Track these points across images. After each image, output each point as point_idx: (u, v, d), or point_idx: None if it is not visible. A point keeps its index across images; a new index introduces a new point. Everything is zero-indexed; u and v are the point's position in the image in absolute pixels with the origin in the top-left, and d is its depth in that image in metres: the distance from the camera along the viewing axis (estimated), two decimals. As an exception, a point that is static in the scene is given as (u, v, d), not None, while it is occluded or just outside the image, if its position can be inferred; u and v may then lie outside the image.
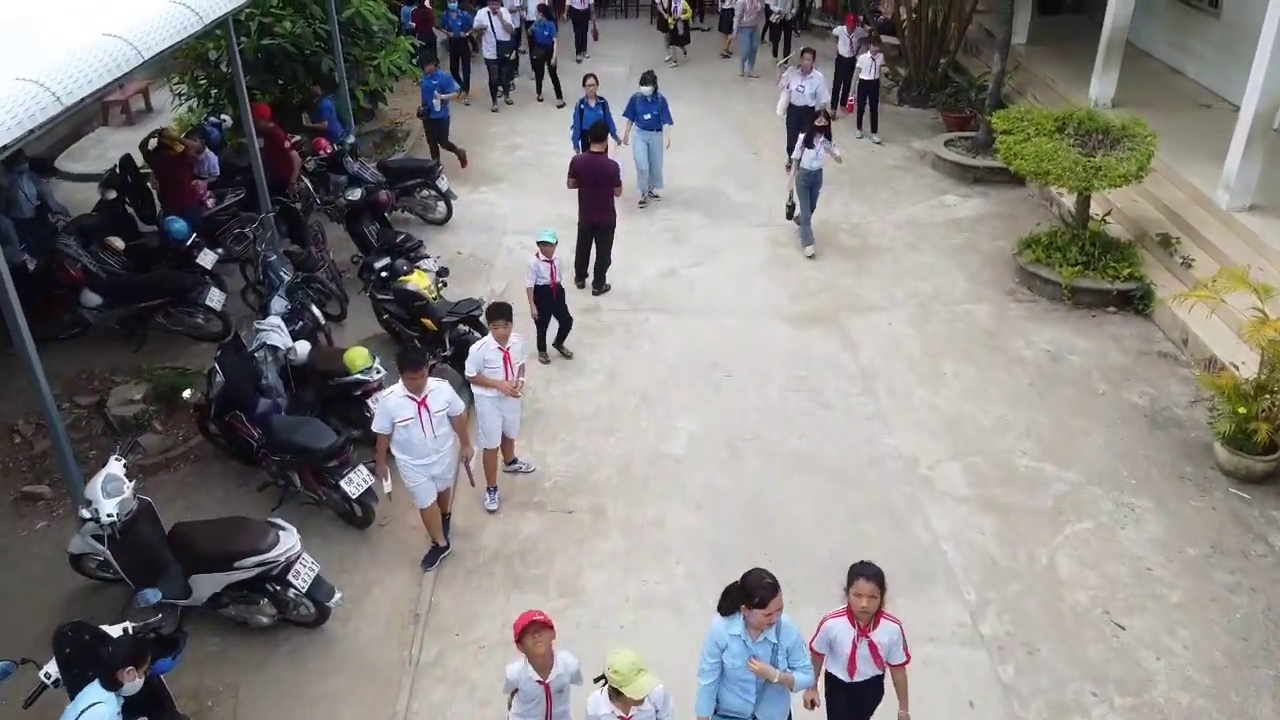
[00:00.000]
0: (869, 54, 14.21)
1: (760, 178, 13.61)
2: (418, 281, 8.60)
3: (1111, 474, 7.81)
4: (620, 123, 12.16)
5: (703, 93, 16.99)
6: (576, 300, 10.41)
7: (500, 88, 16.47)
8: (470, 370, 7.12)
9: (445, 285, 9.61)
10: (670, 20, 17.92)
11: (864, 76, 14.28)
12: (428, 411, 6.40)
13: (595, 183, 10.02)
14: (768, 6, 19.01)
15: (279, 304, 8.22)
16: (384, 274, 8.77)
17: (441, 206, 12.16)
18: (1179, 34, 14.69)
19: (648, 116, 12.15)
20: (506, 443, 7.59)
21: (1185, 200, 11.01)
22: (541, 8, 16.49)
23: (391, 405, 6.35)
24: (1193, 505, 7.49)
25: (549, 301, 8.96)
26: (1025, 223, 12.01)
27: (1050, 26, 17.03)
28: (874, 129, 14.68)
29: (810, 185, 11.17)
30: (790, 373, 9.11)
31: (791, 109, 12.98)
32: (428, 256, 9.48)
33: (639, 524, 7.29)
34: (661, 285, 10.81)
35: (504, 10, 15.92)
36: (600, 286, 10.58)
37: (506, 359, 7.12)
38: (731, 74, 18.02)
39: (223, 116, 12.57)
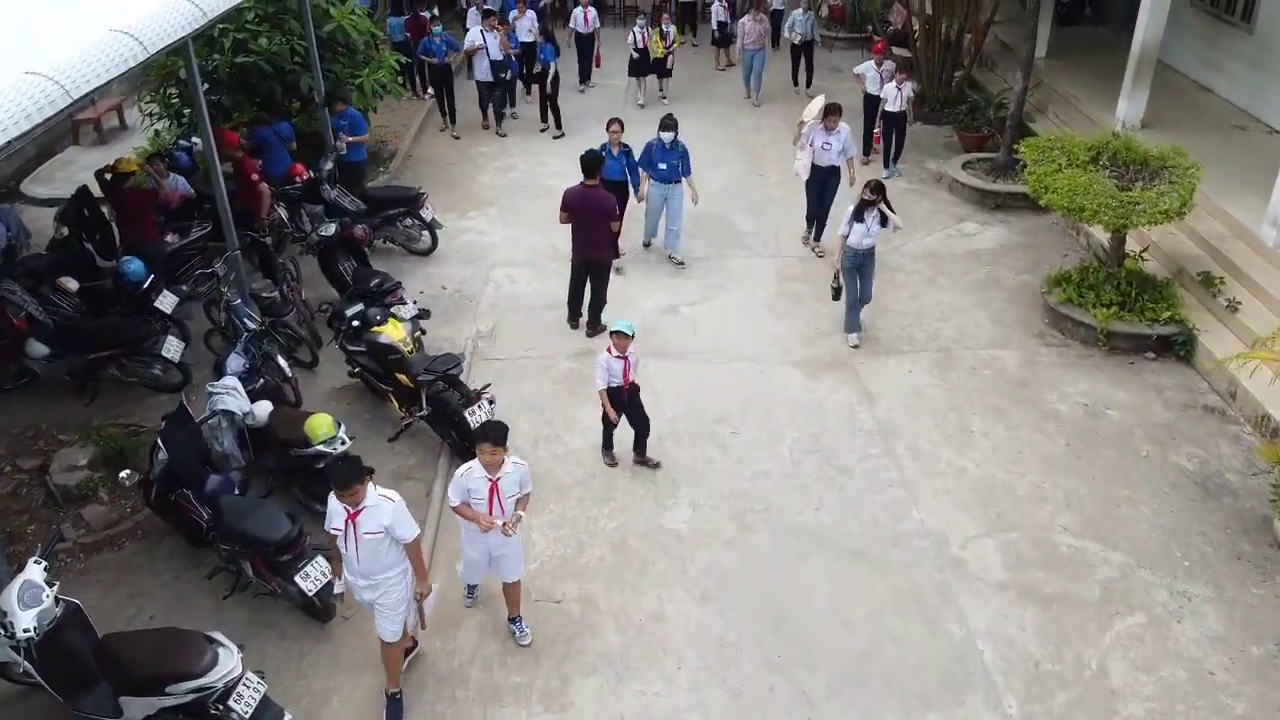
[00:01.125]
0: (894, 83, 12.91)
1: (766, 202, 12.82)
2: (391, 333, 7.80)
3: (1163, 554, 7.00)
4: (639, 175, 10.75)
5: (702, 109, 16.19)
6: (568, 344, 9.64)
7: (494, 110, 15.29)
8: (452, 499, 5.93)
9: (424, 333, 8.83)
10: (658, 49, 15.96)
11: (890, 108, 12.95)
12: (353, 529, 5.31)
13: (588, 217, 9.23)
14: (776, 25, 18.24)
15: (236, 362, 7.42)
16: (355, 323, 7.96)
17: (426, 236, 11.36)
18: (1208, 49, 13.89)
19: (664, 166, 10.52)
20: (508, 590, 6.27)
21: (1227, 234, 10.21)
22: (543, 30, 15.44)
23: (331, 508, 5.44)
24: (1254, 593, 6.69)
25: (621, 403, 7.60)
26: (1050, 254, 11.23)
27: (1069, 39, 16.24)
28: (895, 160, 13.43)
29: (859, 266, 9.29)
30: (803, 430, 8.31)
31: (815, 170, 10.98)
32: (405, 302, 8.67)
33: (635, 617, 6.48)
34: (661, 325, 10.00)
35: (497, 30, 14.74)
36: (595, 328, 9.77)
37: (494, 490, 5.81)
38: (731, 89, 17.20)
39: (194, 139, 11.74)
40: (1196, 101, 13.64)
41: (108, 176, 9.74)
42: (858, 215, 9.08)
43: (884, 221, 9.11)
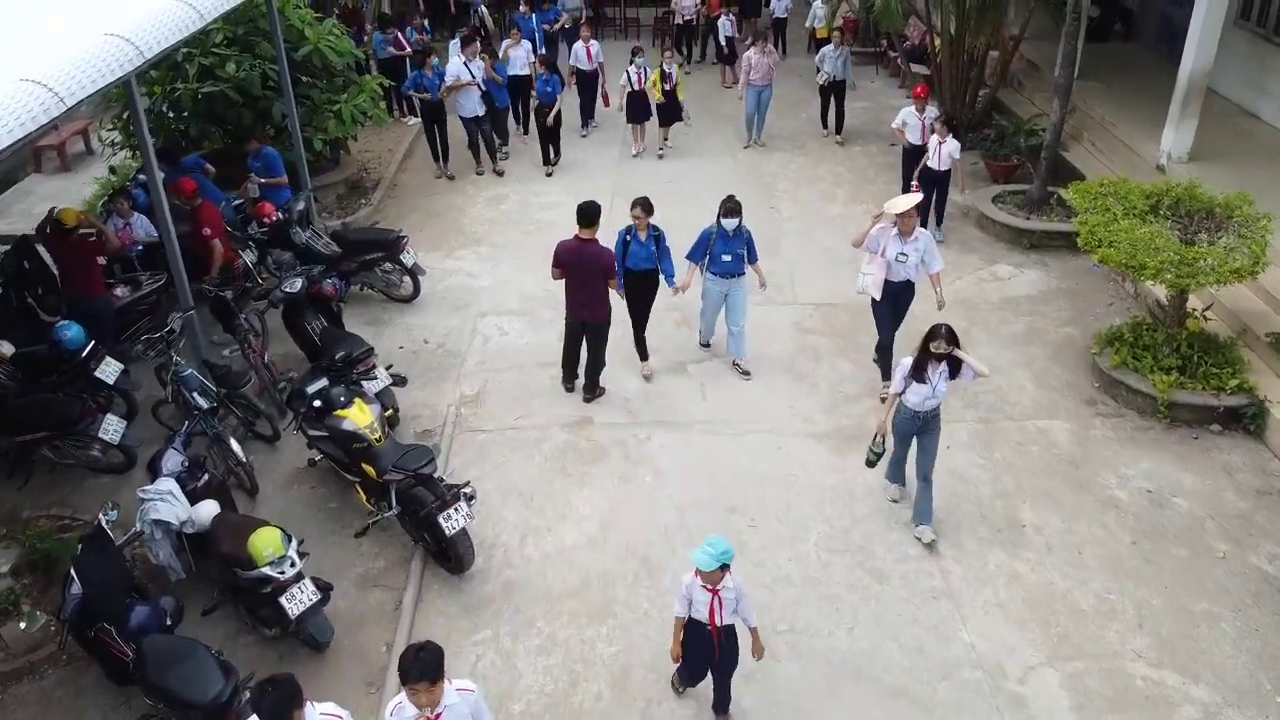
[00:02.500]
0: (936, 135, 11.05)
1: (779, 239, 11.79)
2: (356, 418, 6.77)
3: (1252, 688, 5.98)
4: (681, 265, 8.76)
5: (707, 129, 15.17)
6: (563, 410, 8.63)
7: (486, 149, 13.68)
8: None
9: (396, 412, 7.87)
10: (658, 92, 13.70)
11: (933, 165, 11.15)
12: None
13: (583, 275, 8.22)
14: (780, 33, 17.23)
15: (173, 460, 6.41)
16: (317, 404, 6.94)
17: (408, 282, 10.35)
18: (1255, 72, 12.87)
19: (728, 258, 8.62)
20: None
21: (1295, 287, 9.20)
22: (544, 61, 13.81)
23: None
24: (1367, 739, 5.69)
25: (703, 643, 5.39)
26: (1094, 302, 10.21)
27: (1100, 57, 15.17)
28: (938, 223, 11.62)
29: (918, 431, 6.91)
30: (830, 522, 7.29)
31: (885, 285, 8.39)
32: (375, 376, 7.66)
33: (639, 779, 5.47)
34: (666, 387, 8.99)
35: (478, 60, 13.18)
36: (592, 392, 8.76)
37: None
38: (738, 108, 16.07)
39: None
40: (1243, 129, 12.62)
41: (48, 230, 8.72)
42: (918, 372, 6.67)
43: (954, 372, 6.72)
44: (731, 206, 8.62)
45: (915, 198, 8.38)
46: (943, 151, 11.01)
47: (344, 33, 12.59)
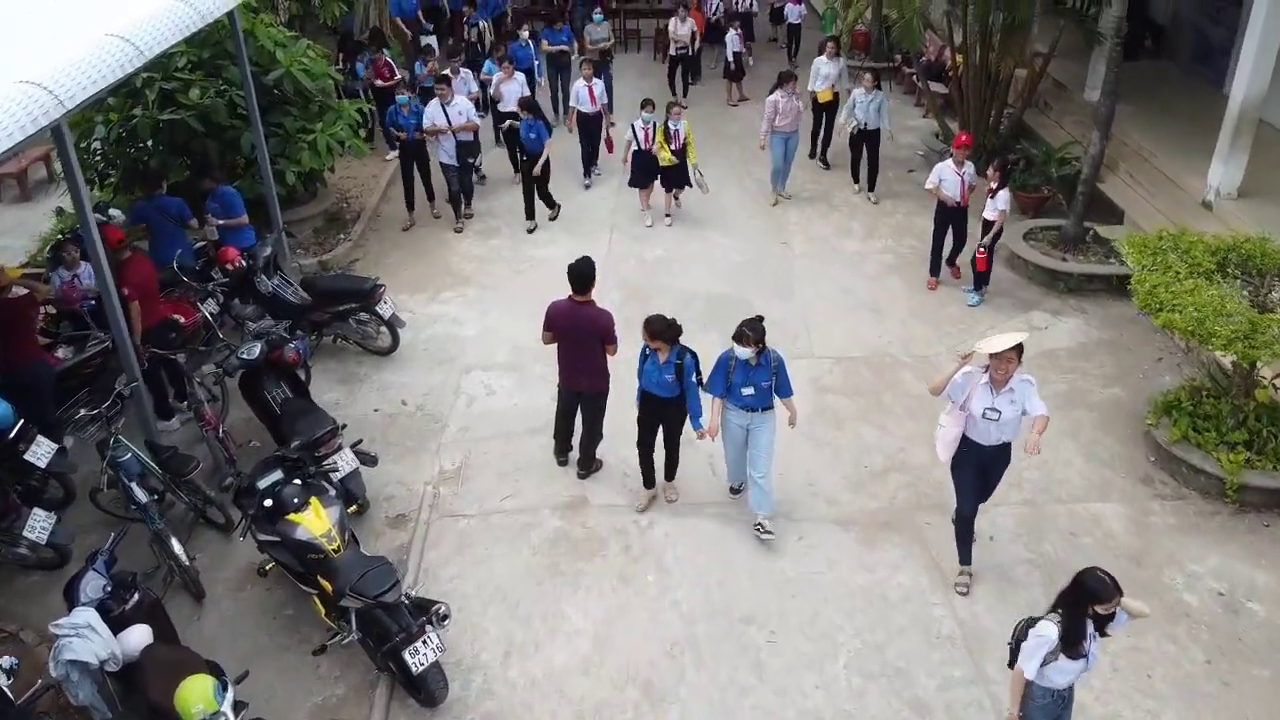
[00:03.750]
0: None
1: (791, 280, 10.87)
2: (312, 525, 5.82)
3: None
4: (705, 399, 7.03)
5: (713, 151, 14.23)
6: (555, 489, 7.69)
7: (465, 200, 12.26)
8: None
9: (362, 509, 6.94)
10: (666, 154, 11.56)
11: (989, 216, 9.88)
12: None
13: (578, 340, 7.28)
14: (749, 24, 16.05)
15: (93, 585, 5.45)
16: (268, 503, 6.00)
17: (385, 333, 9.41)
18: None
19: (749, 392, 6.76)
20: None
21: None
22: (526, 104, 11.80)
23: None
24: None
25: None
26: (1142, 357, 9.29)
27: (1131, 76, 14.09)
28: (983, 283, 10.27)
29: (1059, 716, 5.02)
30: (863, 636, 6.34)
31: (967, 446, 6.37)
32: (336, 468, 6.70)
33: None
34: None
35: (460, 98, 11.67)
36: (588, 467, 7.82)
37: None
38: (742, 128, 15.19)
39: (111, 212, 9.74)
40: (1290, 158, 11.68)
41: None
42: (1072, 646, 4.72)
43: (1103, 628, 4.90)
44: (747, 331, 6.59)
45: (1017, 336, 6.02)
46: (994, 202, 9.83)
47: (321, 56, 11.65)
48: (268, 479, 6.18)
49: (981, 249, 9.93)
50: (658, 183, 12.01)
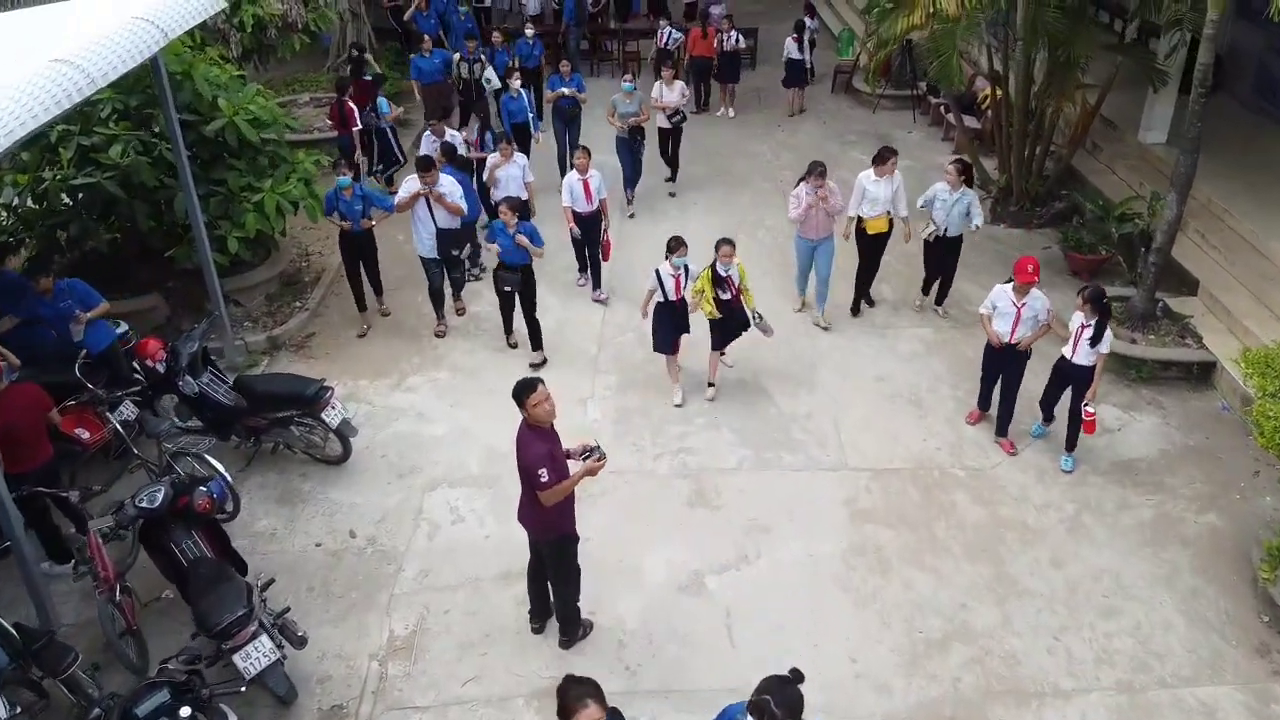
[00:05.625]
0: (1078, 315, 7.41)
1: (815, 362, 9.33)
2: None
3: None
4: None
5: (723, 200, 12.72)
6: (530, 666, 6.18)
7: (452, 293, 10.10)
8: None
9: (287, 704, 5.38)
10: (708, 305, 8.30)
11: (1081, 361, 7.45)
12: None
13: (520, 471, 5.74)
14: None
15: None
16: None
17: (335, 440, 7.89)
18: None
19: None
20: None
21: None
22: (514, 206, 8.74)
23: None
24: None
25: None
26: (1236, 470, 7.81)
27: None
28: (1069, 448, 7.85)
29: None
30: None
31: None
32: (249, 666, 5.18)
33: None
34: (675, 616, 6.54)
35: (446, 178, 9.29)
36: (569, 637, 6.27)
37: None
38: (756, 166, 13.70)
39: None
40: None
41: None
42: None
43: None
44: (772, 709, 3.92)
45: None
46: (1083, 342, 7.35)
47: (271, 99, 10.13)
48: (148, 705, 4.66)
49: (1089, 410, 7.49)
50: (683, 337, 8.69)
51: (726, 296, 8.27)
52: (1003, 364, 7.89)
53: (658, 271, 8.27)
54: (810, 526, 7.29)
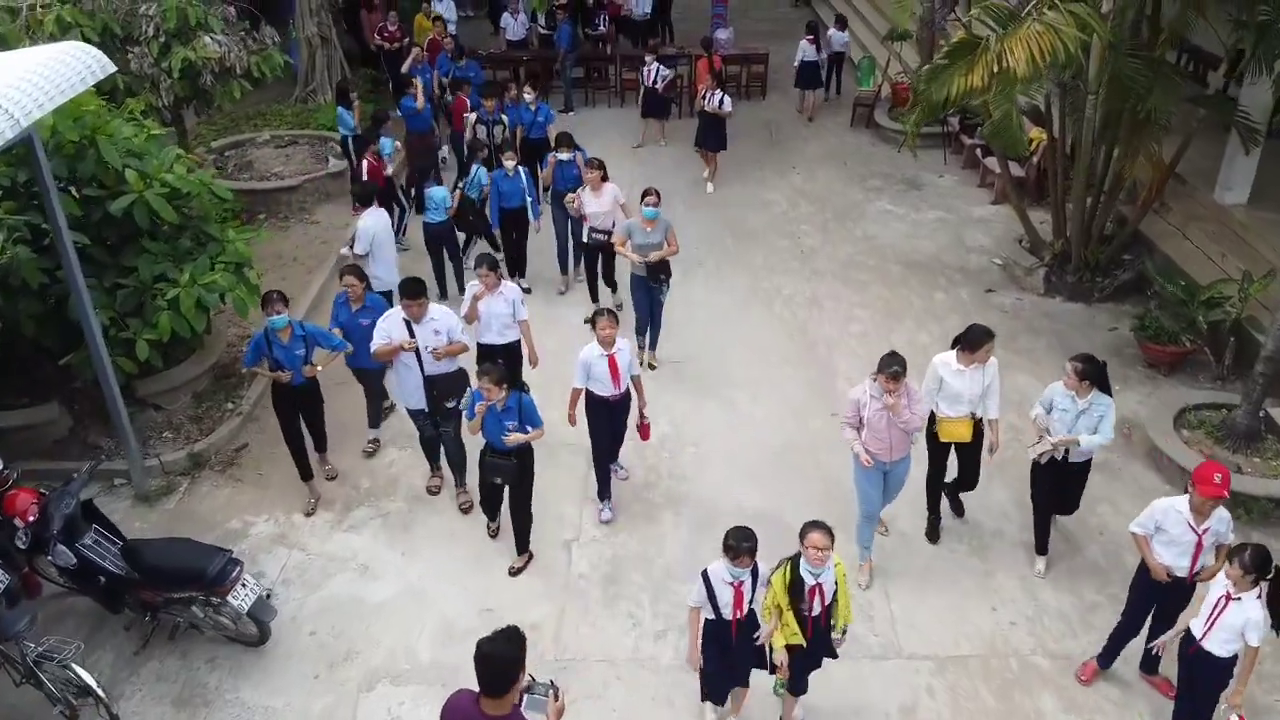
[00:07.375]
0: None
1: (842, 471, 7.61)
2: None
3: None
4: None
5: (734, 261, 11.08)
6: None
7: (456, 473, 7.71)
8: None
9: None
10: (788, 633, 5.26)
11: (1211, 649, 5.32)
12: None
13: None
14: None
15: None
16: None
17: (248, 620, 6.26)
18: None
19: None
20: None
21: None
22: (490, 376, 6.36)
23: None
24: None
25: None
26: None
27: (1268, 168, 10.96)
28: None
29: None
30: None
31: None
32: None
33: None
34: None
35: (441, 310, 7.24)
36: None
37: None
38: (773, 217, 12.07)
39: None
40: None
41: None
42: None
43: None
44: None
45: None
46: (1224, 626, 5.20)
47: (191, 164, 8.51)
48: None
49: None
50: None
51: (814, 613, 5.22)
52: (1169, 599, 5.80)
53: (706, 576, 5.20)
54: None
